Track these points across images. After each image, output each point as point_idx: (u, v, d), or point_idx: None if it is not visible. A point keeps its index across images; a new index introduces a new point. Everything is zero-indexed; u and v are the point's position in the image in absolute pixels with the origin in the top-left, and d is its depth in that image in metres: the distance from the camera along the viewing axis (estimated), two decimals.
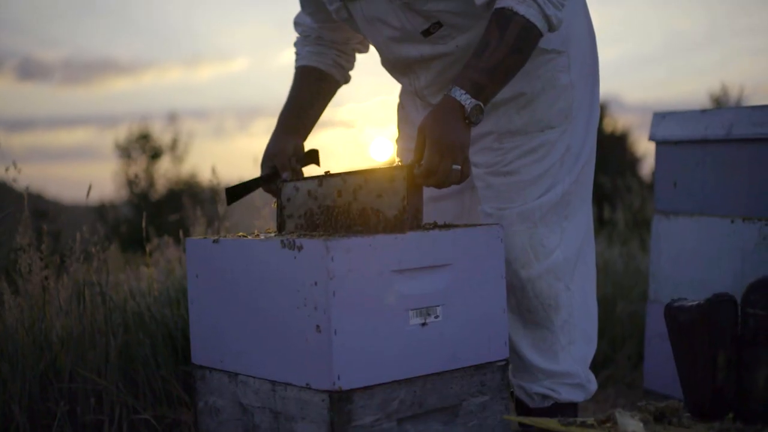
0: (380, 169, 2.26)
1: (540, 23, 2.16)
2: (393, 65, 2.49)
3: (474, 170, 2.49)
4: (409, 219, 2.18)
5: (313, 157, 2.65)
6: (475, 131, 2.43)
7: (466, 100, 2.12)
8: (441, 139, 2.11)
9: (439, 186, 2.16)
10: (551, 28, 2.20)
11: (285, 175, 2.54)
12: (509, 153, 2.41)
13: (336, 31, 2.62)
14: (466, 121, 2.13)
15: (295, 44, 2.69)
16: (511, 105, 2.40)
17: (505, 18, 2.15)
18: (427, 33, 2.34)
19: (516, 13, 2.14)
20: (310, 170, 2.61)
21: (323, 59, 2.64)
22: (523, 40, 2.15)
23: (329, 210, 2.35)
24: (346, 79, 2.71)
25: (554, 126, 2.40)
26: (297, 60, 2.68)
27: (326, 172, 2.40)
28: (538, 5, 2.14)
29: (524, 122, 2.40)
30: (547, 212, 2.41)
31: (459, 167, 2.13)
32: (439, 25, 2.32)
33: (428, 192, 2.58)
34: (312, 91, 2.64)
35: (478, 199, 2.54)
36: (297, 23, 2.68)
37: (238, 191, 2.62)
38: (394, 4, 2.30)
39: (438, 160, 2.12)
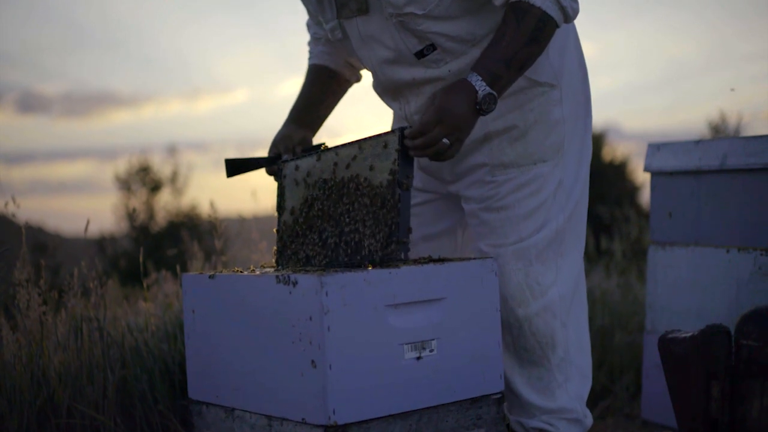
0: (373, 136, 2.30)
1: (556, 14, 2.21)
2: (384, 88, 2.50)
3: (466, 207, 2.49)
4: (400, 182, 2.21)
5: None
6: (467, 164, 2.44)
7: (481, 87, 2.17)
8: (444, 108, 2.16)
9: (421, 150, 2.19)
10: (567, 18, 2.24)
11: (285, 156, 2.57)
12: (502, 186, 2.42)
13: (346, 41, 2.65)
14: (477, 107, 2.17)
15: (309, 43, 2.73)
16: (504, 137, 2.41)
17: (521, 9, 2.19)
18: (420, 55, 2.35)
19: (533, 6, 2.19)
20: None
21: (334, 59, 2.67)
22: (539, 31, 2.20)
23: (325, 183, 2.38)
24: (358, 78, 2.74)
25: (546, 160, 2.41)
26: (309, 58, 2.71)
27: (323, 146, 2.43)
28: None
29: (517, 155, 2.41)
30: (542, 250, 2.41)
31: (448, 142, 2.17)
32: (433, 47, 2.33)
33: (421, 230, 2.60)
34: (323, 88, 2.68)
35: (471, 237, 2.55)
36: (309, 25, 2.71)
37: (238, 166, 2.62)
38: (390, 22, 2.32)
39: (433, 124, 2.17)
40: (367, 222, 2.28)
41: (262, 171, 2.65)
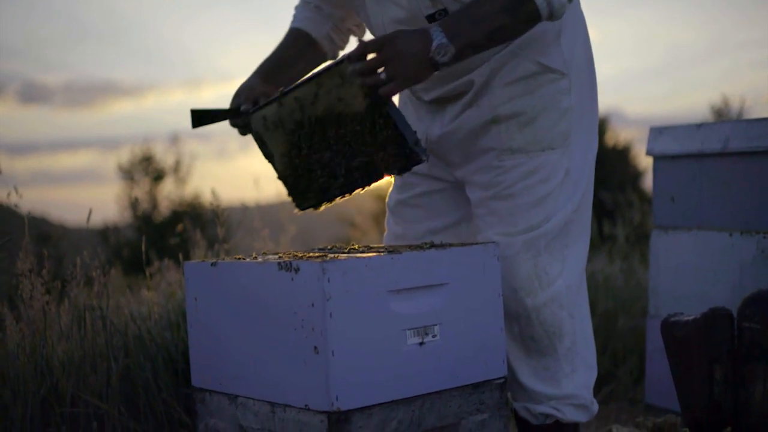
0: (324, 70, 2.25)
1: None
2: None
3: (472, 196, 2.48)
4: (379, 98, 2.18)
5: None
6: (475, 147, 2.43)
7: (438, 36, 2.13)
8: (390, 39, 2.13)
9: (358, 75, 2.17)
10: (552, 10, 2.18)
11: (244, 106, 2.49)
12: (509, 173, 2.41)
13: (336, 6, 2.62)
14: (429, 56, 2.13)
15: (296, 7, 2.69)
16: (513, 122, 2.40)
17: None
18: (431, 18, 2.32)
19: None
20: None
21: (318, 27, 2.64)
22: (517, 4, 2.15)
23: (301, 124, 2.34)
24: (334, 55, 2.69)
25: (554, 147, 2.40)
26: (293, 21, 2.67)
27: (280, 91, 2.36)
28: None
29: (525, 141, 2.40)
30: (551, 240, 2.40)
31: (385, 76, 2.14)
32: (444, 12, 2.31)
33: (426, 224, 2.59)
34: (298, 53, 2.64)
35: (475, 231, 2.54)
36: None
37: (203, 117, 2.54)
38: None
39: (372, 48, 2.14)
40: (367, 141, 2.24)
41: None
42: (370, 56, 2.17)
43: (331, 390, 2.02)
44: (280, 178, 2.46)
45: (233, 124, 2.54)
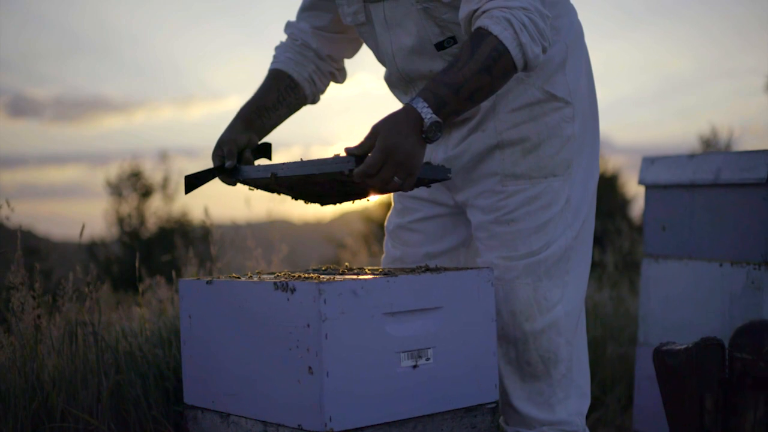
0: (326, 171, 2.16)
1: (513, 49, 2.12)
2: (398, 79, 2.48)
3: (473, 219, 2.50)
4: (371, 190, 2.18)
5: (265, 151, 2.57)
6: (478, 171, 2.45)
7: (427, 114, 2.07)
8: (390, 147, 2.06)
9: (364, 180, 2.11)
10: (527, 61, 2.15)
11: (228, 163, 2.42)
12: (512, 198, 2.42)
13: (326, 42, 2.60)
14: (423, 136, 2.09)
15: (277, 48, 2.65)
16: (517, 148, 2.41)
17: (479, 36, 2.13)
18: (440, 46, 2.33)
19: (490, 33, 2.12)
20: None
21: (300, 69, 2.61)
22: (493, 61, 2.11)
23: (298, 187, 2.31)
24: (315, 99, 2.66)
25: (557, 174, 2.41)
26: (273, 62, 2.63)
27: (272, 174, 2.30)
28: (514, 30, 2.11)
29: (529, 167, 2.41)
30: (551, 266, 2.42)
31: (400, 181, 2.09)
32: (453, 40, 2.32)
33: (425, 248, 2.61)
34: (280, 96, 2.59)
35: (473, 255, 2.56)
36: (289, 25, 2.64)
37: (194, 181, 2.49)
38: (415, 7, 2.31)
39: (379, 166, 2.06)
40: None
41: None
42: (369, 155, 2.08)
43: (325, 411, 2.03)
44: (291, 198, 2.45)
45: (224, 180, 2.48)
